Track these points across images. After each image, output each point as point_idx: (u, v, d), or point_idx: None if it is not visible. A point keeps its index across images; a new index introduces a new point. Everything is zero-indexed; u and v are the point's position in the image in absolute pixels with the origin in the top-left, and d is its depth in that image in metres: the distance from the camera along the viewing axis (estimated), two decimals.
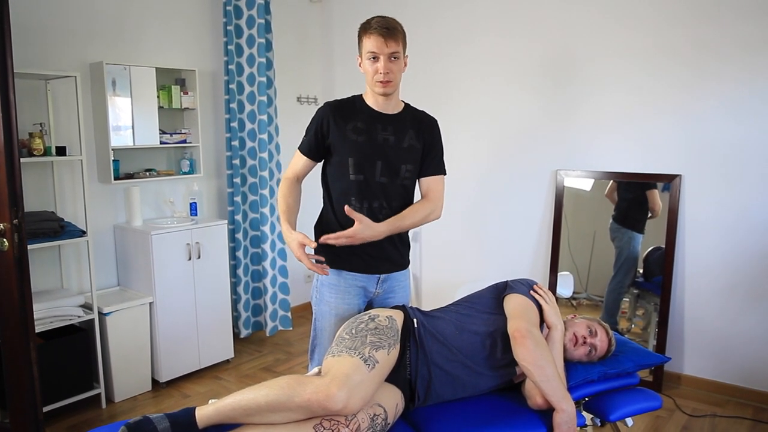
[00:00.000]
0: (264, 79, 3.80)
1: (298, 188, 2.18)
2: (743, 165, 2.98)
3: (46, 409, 2.78)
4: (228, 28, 3.73)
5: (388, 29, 1.93)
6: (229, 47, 3.74)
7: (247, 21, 3.74)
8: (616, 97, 3.31)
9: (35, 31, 3.02)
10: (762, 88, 2.90)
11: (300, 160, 2.14)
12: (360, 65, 2.04)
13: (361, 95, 2.12)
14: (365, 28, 1.98)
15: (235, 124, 3.80)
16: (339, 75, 4.56)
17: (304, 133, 2.14)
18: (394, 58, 1.97)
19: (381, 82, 1.97)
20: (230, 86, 3.78)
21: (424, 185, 2.17)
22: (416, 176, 2.15)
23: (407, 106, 2.15)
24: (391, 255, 2.11)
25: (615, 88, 3.30)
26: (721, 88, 3.00)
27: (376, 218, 2.03)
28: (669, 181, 3.17)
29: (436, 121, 2.20)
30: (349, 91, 2.18)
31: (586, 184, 3.48)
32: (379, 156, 2.03)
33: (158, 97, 3.42)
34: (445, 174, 2.22)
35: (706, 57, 3.02)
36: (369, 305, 2.16)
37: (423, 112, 2.19)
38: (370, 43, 1.95)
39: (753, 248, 3.00)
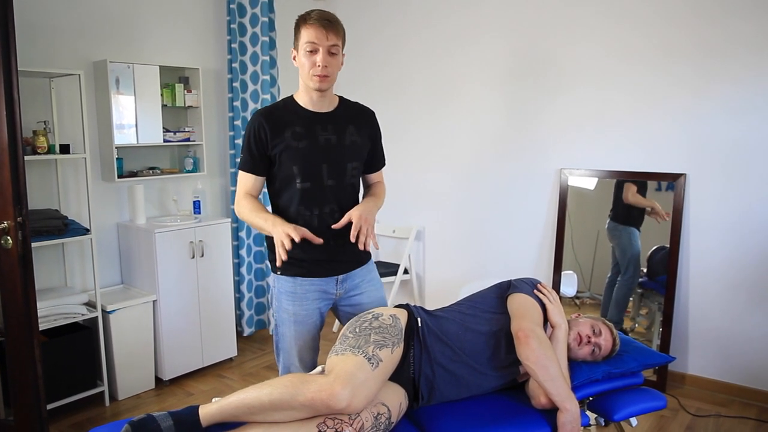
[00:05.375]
0: (267, 77, 3.80)
1: (253, 198, 2.03)
2: (748, 164, 2.97)
3: (50, 406, 2.79)
4: (231, 26, 3.73)
5: (329, 21, 1.86)
6: (232, 45, 3.74)
7: (251, 19, 3.73)
8: (621, 96, 3.30)
9: (39, 29, 3.03)
10: (766, 86, 2.88)
11: (248, 180, 2.00)
12: (294, 59, 1.95)
13: (291, 96, 2.03)
14: (305, 19, 1.89)
15: (238, 123, 3.80)
16: (342, 73, 4.52)
17: (241, 151, 2.02)
18: (333, 52, 1.90)
19: (318, 75, 1.89)
20: (234, 84, 3.78)
21: (371, 179, 2.20)
22: (361, 172, 2.11)
23: (342, 100, 2.09)
24: (338, 255, 2.02)
25: (619, 87, 3.29)
26: (726, 87, 2.99)
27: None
28: (674, 180, 3.16)
29: (373, 112, 2.14)
30: (351, 90, 2.15)
31: (590, 183, 3.47)
32: (323, 159, 1.96)
33: (162, 95, 3.42)
34: (385, 164, 2.23)
35: (710, 56, 3.01)
36: (334, 307, 2.12)
37: (358, 104, 2.13)
38: (310, 33, 1.86)
39: (758, 247, 2.98)
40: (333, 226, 1.94)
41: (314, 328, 2.08)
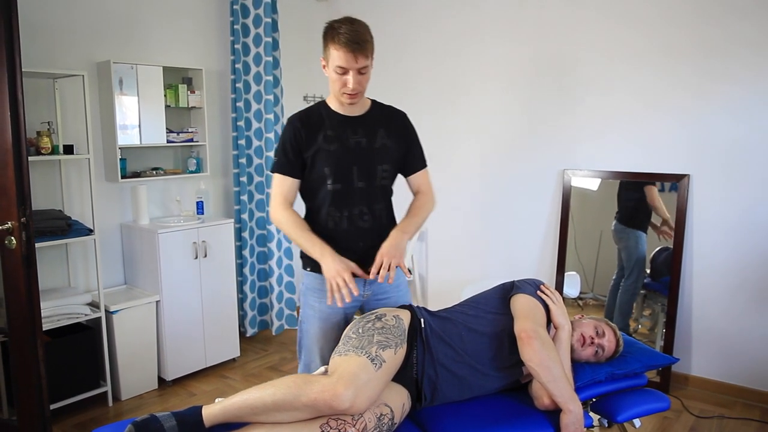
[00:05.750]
0: (271, 77, 3.80)
1: (298, 214, 2.05)
2: (750, 164, 2.96)
3: (53, 406, 2.79)
4: (235, 27, 3.74)
5: (358, 44, 1.84)
6: (235, 46, 3.75)
7: (254, 20, 3.74)
8: (623, 98, 3.29)
9: (43, 30, 3.04)
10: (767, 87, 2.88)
11: (285, 182, 2.02)
12: (324, 68, 1.96)
13: (324, 101, 2.07)
14: (333, 37, 1.87)
15: (241, 123, 3.80)
16: None
17: (275, 154, 2.06)
18: (362, 73, 1.90)
19: (349, 94, 1.92)
20: (237, 85, 3.78)
21: (414, 183, 2.16)
22: (394, 175, 2.11)
23: (374, 103, 2.10)
24: (368, 258, 1.99)
25: (622, 88, 3.29)
26: (728, 87, 2.98)
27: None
28: (677, 180, 3.15)
29: (405, 114, 2.14)
30: None
31: (593, 184, 3.46)
32: (353, 161, 1.99)
33: (165, 95, 3.43)
34: (426, 166, 2.19)
35: (711, 57, 3.00)
36: (361, 308, 2.13)
37: (391, 107, 2.13)
38: (339, 56, 1.85)
39: (761, 248, 2.98)
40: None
41: (337, 327, 2.08)
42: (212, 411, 1.63)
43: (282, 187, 2.03)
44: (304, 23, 4.44)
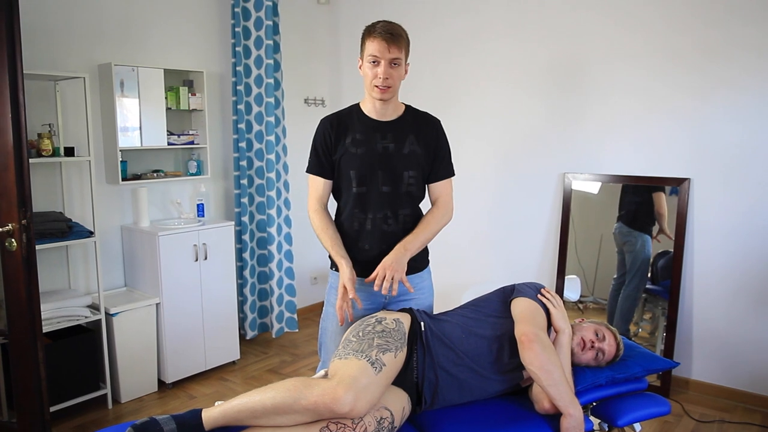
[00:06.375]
0: (271, 80, 3.81)
1: (330, 217, 2.12)
2: (752, 168, 2.96)
3: (52, 408, 2.79)
4: (236, 29, 3.74)
5: (392, 35, 1.91)
6: (236, 49, 3.75)
7: (255, 23, 3.74)
8: (624, 101, 3.29)
9: (44, 33, 3.04)
10: None
11: (317, 183, 2.09)
12: (360, 68, 2.01)
13: (358, 104, 2.09)
14: (369, 31, 1.95)
15: (242, 126, 3.81)
16: (346, 77, 4.56)
17: (309, 155, 2.11)
18: (395, 64, 1.94)
19: (379, 87, 1.94)
20: (238, 88, 3.78)
21: (434, 191, 2.15)
22: (422, 181, 2.11)
23: (408, 108, 2.11)
24: None
25: (623, 91, 3.29)
26: (729, 92, 2.98)
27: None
28: (678, 184, 3.15)
29: (438, 121, 2.15)
30: (355, 93, 2.16)
31: (594, 188, 3.46)
32: (379, 166, 2.01)
33: (166, 98, 3.43)
34: (453, 175, 2.18)
35: (713, 61, 3.00)
36: (385, 309, 2.12)
37: (425, 113, 2.14)
38: (373, 46, 1.92)
39: (762, 252, 2.97)
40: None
41: None
42: (212, 414, 1.63)
43: (315, 187, 2.10)
44: (305, 26, 4.44)
